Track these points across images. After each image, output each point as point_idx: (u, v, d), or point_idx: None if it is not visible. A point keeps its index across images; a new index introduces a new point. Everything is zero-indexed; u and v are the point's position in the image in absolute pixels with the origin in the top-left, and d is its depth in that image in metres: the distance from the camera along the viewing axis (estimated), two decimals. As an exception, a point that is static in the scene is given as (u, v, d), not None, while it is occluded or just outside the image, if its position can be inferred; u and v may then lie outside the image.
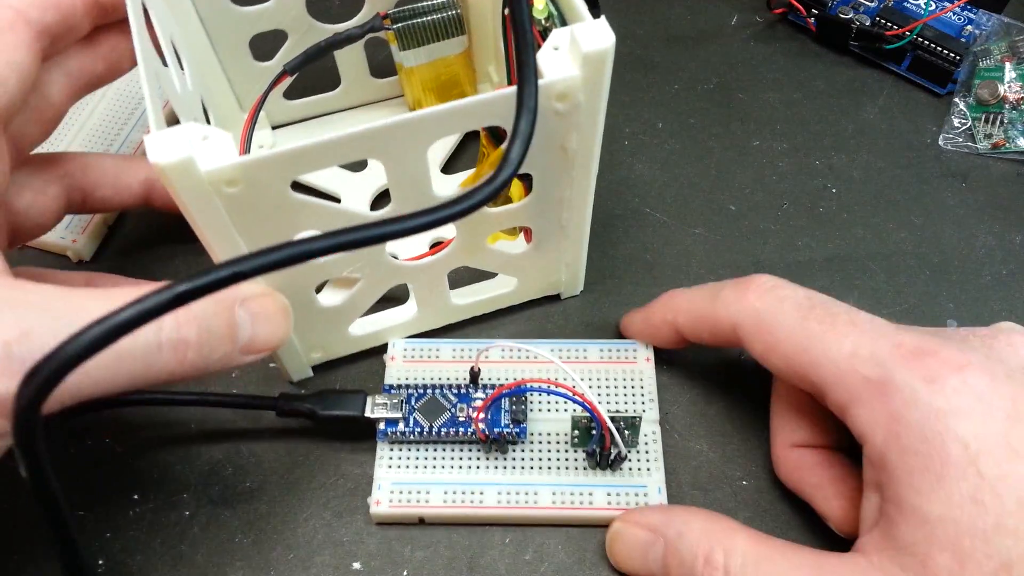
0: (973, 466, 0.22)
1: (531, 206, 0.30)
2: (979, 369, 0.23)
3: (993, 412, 0.22)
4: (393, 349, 0.33)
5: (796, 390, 0.29)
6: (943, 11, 0.42)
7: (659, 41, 0.45)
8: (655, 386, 0.32)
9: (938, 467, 0.22)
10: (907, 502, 0.23)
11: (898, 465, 0.23)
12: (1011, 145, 0.40)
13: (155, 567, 0.30)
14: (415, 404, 0.31)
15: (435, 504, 0.29)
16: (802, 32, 0.45)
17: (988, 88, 0.41)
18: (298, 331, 0.31)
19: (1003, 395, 0.23)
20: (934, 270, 0.37)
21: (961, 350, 0.24)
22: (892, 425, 0.23)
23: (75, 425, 0.33)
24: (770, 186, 0.39)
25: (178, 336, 0.23)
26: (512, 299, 0.35)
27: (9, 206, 0.29)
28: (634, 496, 0.29)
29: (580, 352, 0.33)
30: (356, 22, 0.37)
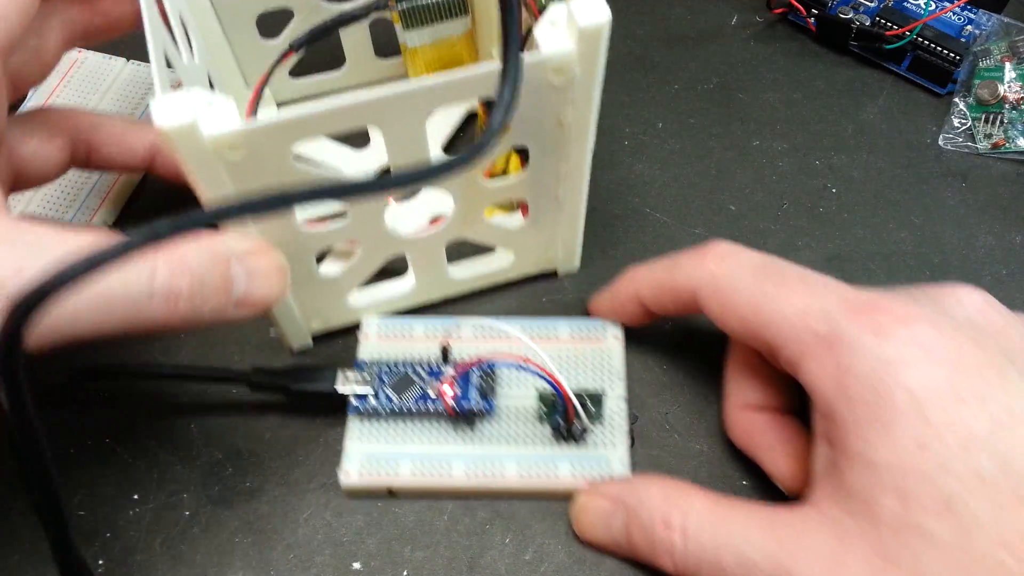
0: (919, 413, 0.22)
1: (527, 180, 0.31)
2: (925, 321, 0.24)
3: (938, 361, 0.23)
4: (367, 327, 0.34)
5: (750, 353, 0.30)
6: (943, 11, 0.42)
7: (659, 41, 0.45)
8: (623, 364, 0.33)
9: (885, 415, 0.23)
10: (854, 450, 0.23)
11: (846, 415, 0.24)
12: (1011, 145, 0.40)
13: (155, 567, 0.30)
14: (386, 380, 0.31)
15: (404, 475, 0.30)
16: (802, 32, 0.45)
17: (988, 88, 0.41)
18: (298, 298, 0.32)
19: (948, 345, 0.23)
20: (934, 270, 0.37)
21: (908, 304, 0.24)
22: (841, 376, 0.24)
23: (75, 423, 0.33)
24: (770, 186, 0.39)
25: (170, 286, 0.24)
26: (509, 274, 0.36)
27: (14, 151, 0.30)
28: (598, 468, 0.30)
29: (551, 330, 0.33)
30: (362, 2, 0.37)
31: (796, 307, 0.26)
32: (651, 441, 0.32)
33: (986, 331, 0.25)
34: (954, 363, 0.23)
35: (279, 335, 0.34)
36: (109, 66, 0.42)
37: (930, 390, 0.22)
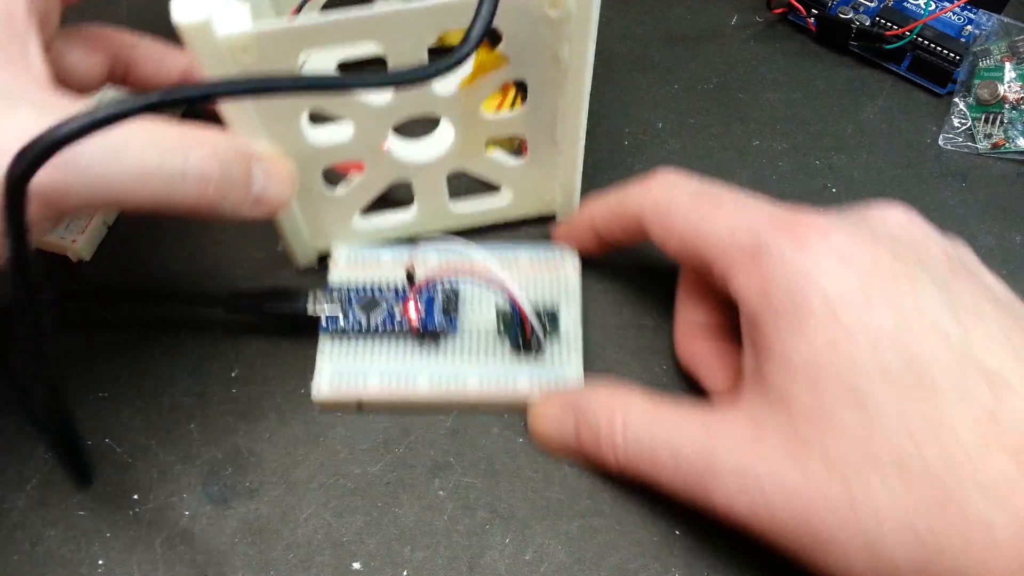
0: (832, 314, 0.24)
1: (526, 115, 0.32)
2: (843, 232, 0.25)
3: (853, 268, 0.25)
4: (336, 254, 0.36)
5: (697, 277, 0.32)
6: (943, 11, 0.42)
7: (659, 41, 0.45)
8: (579, 288, 0.35)
9: (801, 317, 0.25)
10: (774, 350, 0.25)
11: (767, 320, 0.25)
12: (1011, 145, 0.40)
13: (155, 567, 0.30)
14: (355, 301, 0.33)
15: (372, 388, 0.32)
16: (802, 32, 0.45)
17: (988, 88, 0.41)
18: (305, 214, 0.34)
19: (863, 253, 0.25)
20: (934, 270, 0.37)
21: (829, 219, 0.26)
22: (763, 285, 0.26)
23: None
24: (770, 186, 0.39)
25: (202, 169, 0.26)
26: (508, 213, 0.37)
27: (58, 59, 0.31)
28: (554, 380, 0.32)
29: (511, 256, 0.35)
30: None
31: (727, 225, 0.27)
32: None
33: (904, 243, 0.26)
34: (867, 270, 0.25)
35: (286, 251, 0.36)
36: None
37: (842, 294, 0.24)
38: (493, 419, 0.32)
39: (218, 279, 0.37)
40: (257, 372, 0.34)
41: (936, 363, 0.23)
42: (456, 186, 0.35)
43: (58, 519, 0.31)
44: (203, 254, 0.37)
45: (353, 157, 0.32)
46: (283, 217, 0.34)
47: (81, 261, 0.37)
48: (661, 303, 0.35)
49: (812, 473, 0.24)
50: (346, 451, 0.32)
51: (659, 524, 0.30)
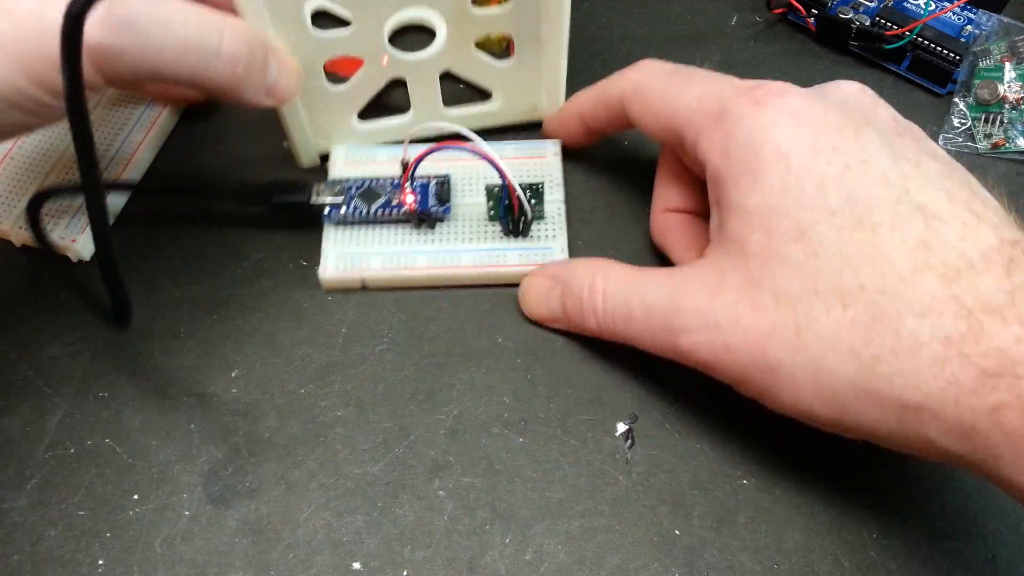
0: (783, 162, 0.26)
1: (512, 11, 0.35)
2: (798, 94, 0.28)
3: (804, 124, 0.27)
4: (335, 154, 0.38)
5: (674, 160, 0.34)
6: (943, 11, 0.42)
7: (659, 41, 0.45)
8: (560, 174, 0.38)
9: (756, 168, 0.27)
10: (733, 201, 0.27)
11: (727, 175, 0.28)
12: (1011, 145, 0.40)
13: (155, 567, 0.30)
14: (354, 192, 0.36)
15: (375, 268, 0.35)
16: (802, 32, 0.45)
17: (988, 88, 0.41)
18: (308, 112, 0.37)
19: (815, 111, 0.27)
20: (934, 270, 0.37)
21: (787, 84, 0.28)
22: (725, 144, 0.28)
23: (76, 423, 0.33)
24: (770, 186, 0.39)
25: (233, 50, 0.29)
26: (498, 118, 0.40)
27: None
28: (541, 256, 0.35)
29: (498, 148, 0.37)
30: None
31: (696, 95, 0.30)
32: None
33: (854, 107, 0.28)
34: (817, 125, 0.27)
35: (292, 149, 0.38)
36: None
37: (794, 145, 0.26)
38: (493, 419, 0.32)
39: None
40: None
41: (875, 201, 0.25)
42: (449, 96, 0.38)
43: (58, 519, 0.31)
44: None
45: (353, 52, 0.35)
46: (288, 115, 0.36)
47: (81, 261, 0.37)
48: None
49: (763, 308, 0.26)
50: (346, 451, 0.32)
51: (659, 524, 0.30)
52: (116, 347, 0.34)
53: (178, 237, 0.38)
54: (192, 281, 0.36)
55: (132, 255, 0.37)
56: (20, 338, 0.35)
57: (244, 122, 0.41)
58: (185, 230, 0.38)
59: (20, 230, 0.37)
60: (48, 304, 0.36)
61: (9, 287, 0.36)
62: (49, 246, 0.36)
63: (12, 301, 0.36)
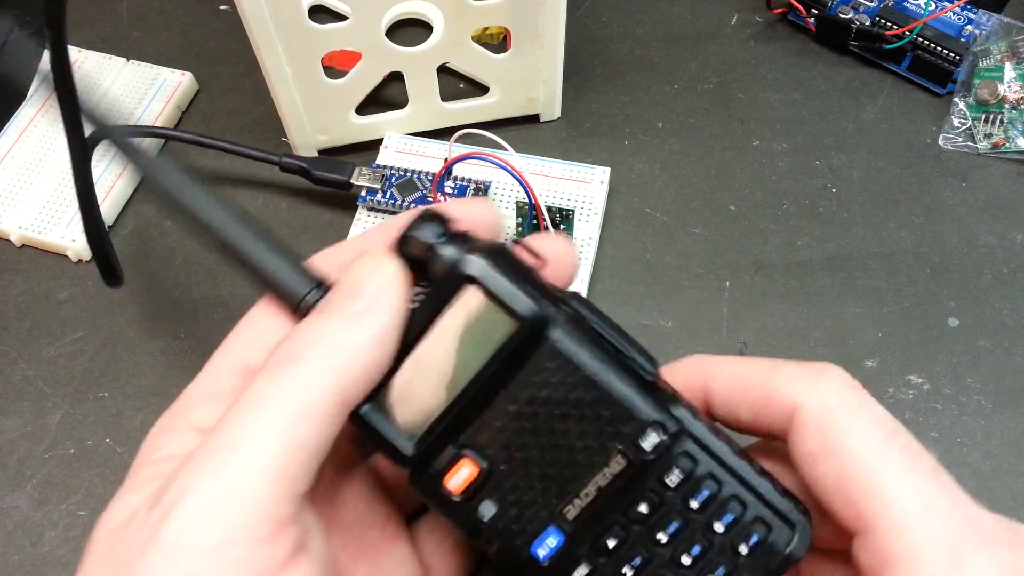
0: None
1: (509, 5, 0.34)
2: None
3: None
4: (388, 140, 0.39)
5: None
6: (943, 11, 0.42)
7: (659, 41, 0.45)
8: (603, 204, 0.37)
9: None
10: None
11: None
12: (1011, 145, 0.40)
13: (155, 567, 0.30)
14: (394, 182, 0.37)
15: None
16: (802, 32, 0.45)
17: (988, 88, 0.41)
18: (306, 106, 0.37)
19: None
20: (935, 269, 0.37)
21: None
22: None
23: (76, 424, 0.32)
24: (770, 186, 0.39)
25: None
26: (495, 111, 0.40)
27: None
28: None
29: (547, 167, 0.38)
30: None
31: (921, 498, 0.21)
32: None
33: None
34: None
35: (290, 143, 0.39)
36: (109, 65, 0.42)
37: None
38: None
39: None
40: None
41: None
42: (446, 90, 0.39)
43: (58, 519, 0.31)
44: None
45: (351, 46, 0.35)
46: (286, 110, 0.36)
47: (81, 261, 0.37)
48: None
49: None
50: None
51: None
52: (116, 347, 0.34)
53: (179, 237, 0.38)
54: (192, 281, 0.36)
55: (132, 255, 0.37)
56: (20, 338, 0.35)
57: (244, 118, 0.41)
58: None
59: (21, 230, 0.37)
60: (48, 304, 0.36)
61: (9, 287, 0.36)
62: (49, 246, 0.36)
63: (12, 301, 0.36)
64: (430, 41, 0.36)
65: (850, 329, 0.35)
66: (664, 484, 0.23)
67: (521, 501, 0.23)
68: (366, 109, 0.39)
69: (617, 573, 0.23)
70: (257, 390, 0.21)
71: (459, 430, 0.23)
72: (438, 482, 0.23)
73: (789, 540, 0.23)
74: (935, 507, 0.21)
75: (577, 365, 0.22)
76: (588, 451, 0.23)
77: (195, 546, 0.18)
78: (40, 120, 0.40)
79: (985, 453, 0.32)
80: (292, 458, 0.20)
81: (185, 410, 0.22)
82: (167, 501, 0.19)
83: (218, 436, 0.20)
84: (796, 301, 0.36)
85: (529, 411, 0.23)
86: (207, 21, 0.45)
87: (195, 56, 0.43)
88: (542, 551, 0.23)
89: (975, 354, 0.34)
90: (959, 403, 0.33)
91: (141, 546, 0.19)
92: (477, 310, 0.23)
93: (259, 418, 0.20)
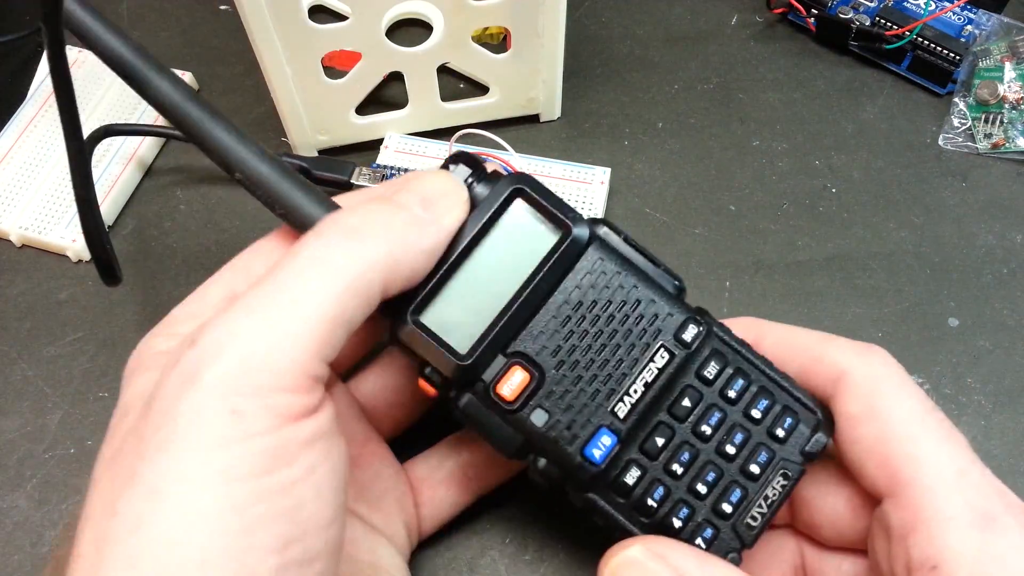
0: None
1: (509, 5, 0.35)
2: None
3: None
4: (389, 140, 0.39)
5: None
6: (943, 11, 0.42)
7: (659, 41, 0.45)
8: (603, 204, 0.37)
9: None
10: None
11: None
12: (1011, 145, 0.40)
13: (155, 567, 0.30)
14: None
15: None
16: (802, 32, 0.45)
17: (988, 88, 0.41)
18: (306, 106, 0.37)
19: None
20: (935, 269, 0.37)
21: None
22: (983, 562, 0.21)
23: (76, 423, 0.32)
24: (770, 186, 0.39)
25: None
26: (494, 111, 0.40)
27: None
28: None
29: (545, 167, 0.38)
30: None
31: (955, 464, 0.22)
32: None
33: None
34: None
35: (290, 143, 0.39)
36: (109, 66, 0.42)
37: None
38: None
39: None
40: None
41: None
42: (446, 90, 0.39)
43: (58, 519, 0.31)
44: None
45: (351, 46, 0.35)
46: (286, 109, 0.36)
47: (81, 260, 0.37)
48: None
49: None
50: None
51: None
52: (116, 347, 0.34)
53: (179, 236, 0.38)
54: (192, 282, 0.36)
55: (132, 255, 0.37)
56: (20, 338, 0.35)
57: (244, 118, 0.41)
58: (185, 228, 0.38)
59: (21, 230, 0.37)
60: (48, 304, 0.36)
61: (9, 287, 0.36)
62: (49, 246, 0.36)
63: (12, 301, 0.36)
64: (430, 41, 0.36)
65: (850, 329, 0.35)
66: (702, 378, 0.25)
67: (573, 405, 0.24)
68: (366, 109, 0.39)
69: (668, 471, 0.24)
70: (318, 251, 0.22)
71: (509, 339, 0.24)
72: (490, 391, 0.24)
73: (817, 425, 0.25)
74: (968, 475, 0.22)
75: (619, 269, 0.24)
76: (633, 348, 0.24)
77: (243, 386, 0.19)
78: (40, 120, 0.40)
79: (985, 453, 0.32)
80: (336, 325, 0.21)
81: (173, 323, 0.23)
82: (207, 343, 0.20)
83: (274, 285, 0.21)
84: (796, 301, 0.36)
85: (576, 315, 0.24)
86: (207, 21, 0.45)
87: (195, 56, 0.43)
88: (597, 451, 0.24)
89: (975, 354, 0.34)
90: (959, 403, 0.33)
91: (177, 388, 0.20)
92: (526, 222, 0.24)
93: (318, 278, 0.21)
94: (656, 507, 0.24)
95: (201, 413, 0.19)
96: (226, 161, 0.24)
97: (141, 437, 0.19)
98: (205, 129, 0.24)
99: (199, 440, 0.19)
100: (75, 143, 0.26)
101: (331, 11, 0.44)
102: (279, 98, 0.36)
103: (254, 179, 0.24)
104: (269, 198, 0.24)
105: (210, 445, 0.19)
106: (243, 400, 0.19)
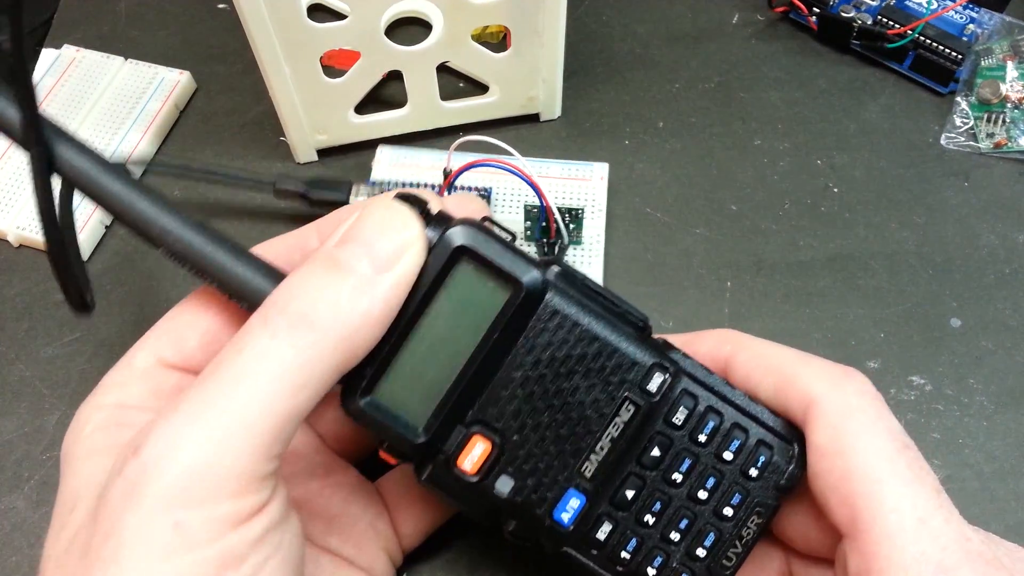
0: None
1: (509, 3, 0.34)
2: None
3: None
4: (380, 154, 0.38)
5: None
6: (945, 10, 0.42)
7: (660, 40, 0.45)
8: (605, 200, 0.37)
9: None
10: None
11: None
12: (1013, 144, 0.40)
13: (153, 569, 0.29)
14: None
15: None
16: (803, 31, 0.45)
17: (990, 87, 0.40)
18: (305, 105, 0.37)
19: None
20: (937, 269, 0.36)
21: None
22: None
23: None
24: (771, 185, 0.39)
25: None
26: (494, 110, 0.40)
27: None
28: None
29: (544, 167, 0.38)
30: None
31: (917, 511, 0.22)
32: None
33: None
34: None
35: (290, 143, 0.39)
36: (107, 64, 0.42)
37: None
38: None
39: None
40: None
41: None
42: (446, 89, 0.38)
43: (56, 520, 0.30)
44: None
45: (350, 44, 0.34)
46: (285, 109, 0.36)
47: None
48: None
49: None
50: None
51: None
52: (114, 347, 0.34)
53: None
54: (192, 282, 0.36)
55: (130, 255, 0.37)
56: (18, 339, 0.35)
57: (242, 117, 0.41)
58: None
59: (18, 230, 0.37)
60: (46, 305, 0.36)
61: (6, 287, 0.36)
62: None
63: (10, 302, 0.36)
64: (429, 40, 0.36)
65: (852, 329, 0.35)
66: (671, 424, 0.24)
67: (538, 468, 0.23)
68: (365, 108, 0.39)
69: (639, 522, 0.24)
70: (263, 346, 0.20)
71: (466, 408, 0.23)
72: (451, 465, 0.22)
73: (792, 456, 0.24)
74: (930, 523, 0.22)
75: (576, 321, 0.23)
76: (597, 404, 0.23)
77: (185, 499, 0.19)
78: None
79: (987, 454, 0.32)
80: (287, 421, 0.20)
81: (102, 392, 0.23)
82: (150, 455, 0.19)
83: (217, 388, 0.20)
84: (798, 301, 0.36)
85: (535, 375, 0.23)
86: (205, 20, 0.45)
87: (193, 55, 0.43)
88: (566, 515, 0.23)
89: (977, 355, 0.34)
90: (961, 404, 0.33)
91: (122, 500, 0.19)
92: (473, 281, 0.22)
93: (266, 379, 0.20)
94: (629, 558, 0.23)
95: (144, 527, 0.19)
96: (147, 234, 0.22)
97: (88, 547, 0.19)
98: (124, 202, 0.22)
99: (144, 553, 0.19)
100: (38, 145, 0.23)
101: (330, 10, 0.43)
102: (277, 97, 0.36)
103: (181, 251, 0.22)
104: (202, 270, 0.22)
105: (154, 558, 0.19)
106: (186, 513, 0.19)
